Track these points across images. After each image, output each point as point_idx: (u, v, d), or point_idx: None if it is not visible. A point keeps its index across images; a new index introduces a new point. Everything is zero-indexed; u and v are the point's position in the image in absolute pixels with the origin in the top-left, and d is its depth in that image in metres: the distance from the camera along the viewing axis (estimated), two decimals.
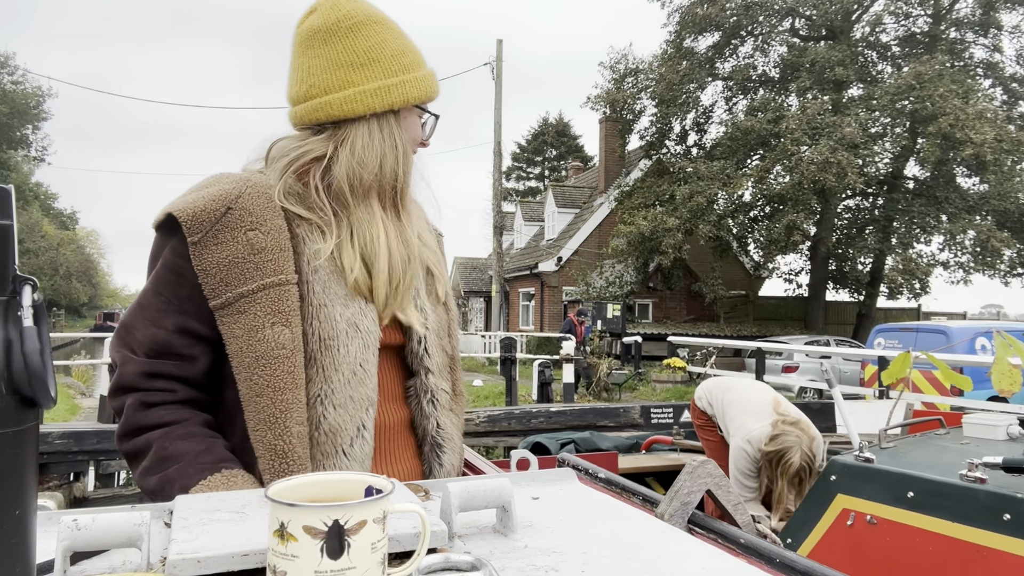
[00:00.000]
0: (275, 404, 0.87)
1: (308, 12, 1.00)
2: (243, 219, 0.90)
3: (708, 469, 0.81)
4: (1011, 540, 1.55)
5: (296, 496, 0.51)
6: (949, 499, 1.70)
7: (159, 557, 0.55)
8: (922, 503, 1.76)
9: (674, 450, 4.08)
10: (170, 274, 0.90)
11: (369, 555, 0.49)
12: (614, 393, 11.88)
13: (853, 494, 1.94)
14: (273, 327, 0.88)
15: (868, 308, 19.70)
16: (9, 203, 0.41)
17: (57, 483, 4.94)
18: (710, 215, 17.33)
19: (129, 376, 0.90)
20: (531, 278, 23.01)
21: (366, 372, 0.93)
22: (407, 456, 1.01)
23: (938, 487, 1.74)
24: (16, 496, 0.40)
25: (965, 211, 16.86)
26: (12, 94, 32.19)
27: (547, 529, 0.70)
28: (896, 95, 16.00)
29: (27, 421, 0.40)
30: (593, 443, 4.07)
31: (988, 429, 2.08)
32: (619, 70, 20.50)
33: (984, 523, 1.61)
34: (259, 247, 0.89)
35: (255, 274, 0.89)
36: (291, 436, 0.87)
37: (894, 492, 1.83)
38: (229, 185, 0.93)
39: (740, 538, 0.71)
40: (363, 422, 0.93)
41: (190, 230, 0.89)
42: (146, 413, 0.89)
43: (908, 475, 1.82)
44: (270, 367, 0.87)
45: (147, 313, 0.91)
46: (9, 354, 0.39)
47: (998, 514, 1.59)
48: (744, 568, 0.63)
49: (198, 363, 0.91)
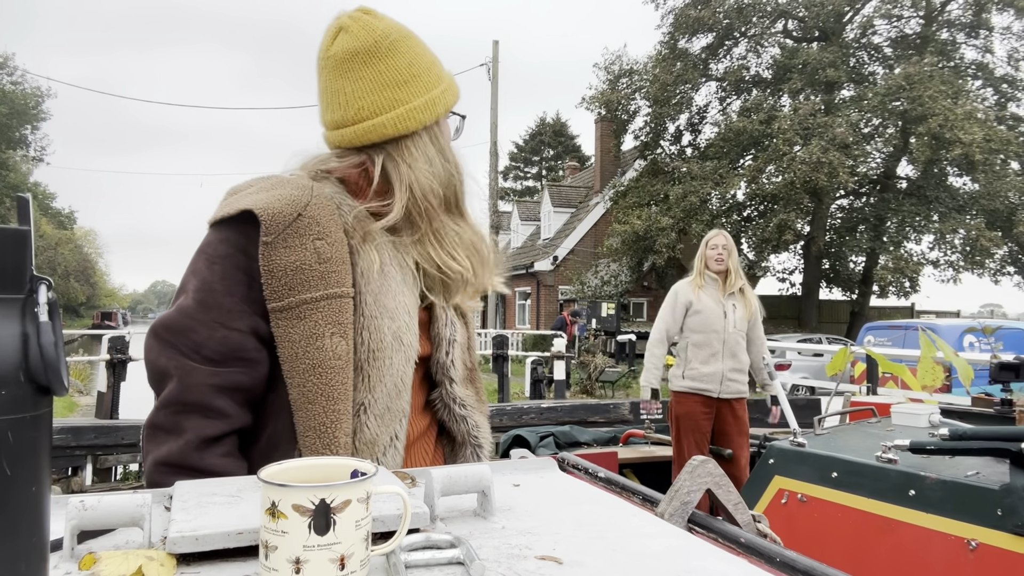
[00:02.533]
0: (327, 413, 0.88)
1: (334, 34, 0.98)
2: (311, 227, 0.90)
3: (708, 468, 0.81)
4: (916, 513, 1.72)
5: (286, 478, 0.55)
6: (866, 478, 1.87)
7: (160, 536, 0.59)
8: (844, 482, 1.93)
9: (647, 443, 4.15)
10: (240, 273, 0.89)
11: (354, 532, 0.53)
12: (607, 390, 11.95)
13: (787, 475, 2.11)
14: (332, 337, 0.88)
15: (861, 307, 19.82)
16: (27, 210, 0.45)
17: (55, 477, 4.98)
18: (703, 214, 17.41)
19: (197, 389, 0.86)
20: (527, 277, 23.05)
21: (404, 385, 0.95)
22: (427, 464, 1.05)
23: (857, 467, 1.91)
24: (33, 474, 0.44)
25: (955, 210, 16.99)
26: (11, 94, 32.06)
27: (525, 512, 0.74)
28: (886, 96, 16.11)
29: (43, 407, 0.45)
30: (572, 436, 4.08)
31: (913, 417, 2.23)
32: (613, 71, 20.57)
33: (894, 498, 1.78)
34: (325, 257, 0.90)
35: (319, 283, 0.89)
36: (338, 446, 0.88)
37: (821, 473, 2.00)
38: (297, 191, 0.92)
39: (740, 537, 0.72)
40: (396, 433, 0.95)
41: (267, 229, 0.88)
42: (203, 455, 0.85)
43: (833, 457, 1.99)
44: (325, 376, 0.88)
45: (214, 314, 0.88)
46: (27, 347, 0.44)
47: (905, 490, 1.76)
48: (701, 547, 0.67)
49: (262, 368, 0.90)
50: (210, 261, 0.90)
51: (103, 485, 5.31)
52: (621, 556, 0.62)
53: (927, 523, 1.70)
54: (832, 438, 2.24)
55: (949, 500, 1.66)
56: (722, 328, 3.67)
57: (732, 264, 3.76)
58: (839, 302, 22.28)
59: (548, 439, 3.86)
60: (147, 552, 0.56)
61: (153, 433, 0.87)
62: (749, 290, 3.85)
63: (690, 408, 3.66)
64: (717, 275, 3.77)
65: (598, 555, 0.62)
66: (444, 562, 0.59)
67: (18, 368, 0.43)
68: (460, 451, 1.08)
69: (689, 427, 3.64)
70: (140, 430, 0.90)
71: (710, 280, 3.78)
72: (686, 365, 3.70)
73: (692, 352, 3.70)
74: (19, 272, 0.45)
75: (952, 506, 1.66)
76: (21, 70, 32.70)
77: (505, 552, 0.63)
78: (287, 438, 0.90)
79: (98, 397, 8.33)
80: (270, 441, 0.92)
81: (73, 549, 0.58)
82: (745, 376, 3.73)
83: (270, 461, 0.84)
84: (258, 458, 0.91)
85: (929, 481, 1.72)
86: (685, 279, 3.88)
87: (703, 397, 3.66)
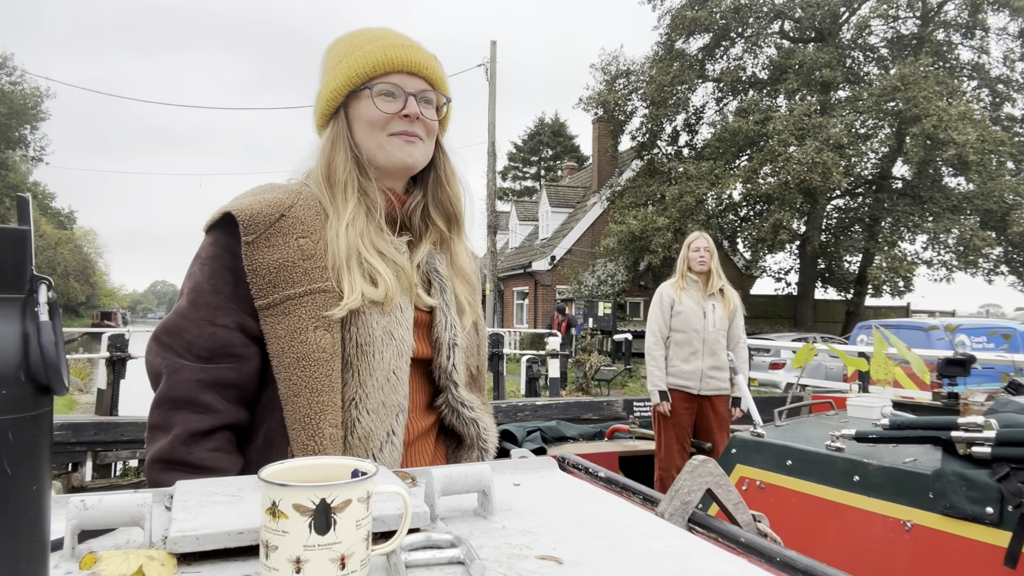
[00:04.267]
0: (311, 405, 0.89)
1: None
2: (295, 227, 0.93)
3: (708, 468, 0.81)
4: (859, 497, 1.84)
5: (287, 478, 0.55)
6: (816, 465, 2.01)
7: (160, 536, 0.59)
8: (797, 469, 2.06)
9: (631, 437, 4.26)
10: (227, 272, 0.92)
11: (354, 531, 0.53)
12: (603, 389, 11.99)
13: (748, 464, 2.25)
14: (315, 331, 0.90)
15: (856, 306, 19.89)
16: (27, 210, 0.45)
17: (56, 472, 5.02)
18: (699, 214, 17.45)
19: (184, 385, 0.88)
20: (525, 277, 23.07)
21: (398, 379, 0.96)
22: (427, 463, 1.05)
23: (808, 456, 2.04)
24: (34, 473, 0.44)
25: (949, 210, 17.06)
26: (10, 95, 32.06)
27: (525, 512, 0.74)
28: (881, 97, 16.16)
29: (43, 406, 0.45)
30: (559, 431, 4.17)
31: (866, 410, 2.35)
32: (610, 72, 20.58)
33: (841, 484, 1.90)
34: (308, 254, 0.93)
35: (303, 279, 0.91)
36: (323, 438, 0.89)
37: (777, 461, 2.13)
38: (283, 194, 0.96)
39: (740, 537, 0.72)
40: (393, 428, 0.95)
41: (246, 230, 0.91)
42: (190, 449, 0.86)
43: (788, 447, 2.12)
44: (309, 368, 0.89)
45: (203, 312, 0.91)
46: (27, 346, 0.44)
47: (851, 476, 1.88)
48: (702, 546, 0.67)
49: (251, 363, 0.92)
50: (201, 263, 0.94)
51: (103, 481, 5.35)
52: (621, 556, 0.62)
53: (869, 506, 1.81)
54: (790, 429, 2.36)
55: (888, 485, 1.77)
56: (702, 327, 3.86)
57: (713, 265, 3.98)
58: (835, 302, 22.36)
59: (535, 434, 3.93)
60: (148, 552, 0.56)
61: (151, 433, 0.89)
62: (730, 290, 4.04)
63: (672, 404, 3.80)
64: (699, 276, 3.98)
65: (598, 555, 0.62)
66: (444, 562, 0.59)
67: (18, 368, 0.43)
68: (466, 453, 1.08)
69: (671, 422, 3.81)
70: (139, 427, 0.92)
71: (691, 282, 3.99)
72: (668, 363, 3.89)
73: (674, 350, 3.88)
74: (19, 272, 0.45)
75: (890, 490, 1.77)
76: (20, 70, 32.68)
77: (505, 552, 0.63)
78: (282, 435, 0.91)
79: (98, 394, 8.43)
80: (266, 438, 0.93)
81: (74, 548, 0.58)
82: (726, 374, 3.91)
83: (267, 458, 0.83)
84: (255, 456, 0.92)
85: (871, 467, 1.83)
86: (668, 281, 4.09)
87: (684, 393, 3.82)
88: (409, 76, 1.01)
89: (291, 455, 0.89)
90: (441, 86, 1.07)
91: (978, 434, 1.57)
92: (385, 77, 1.00)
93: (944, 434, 1.66)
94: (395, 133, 1.01)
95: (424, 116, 1.02)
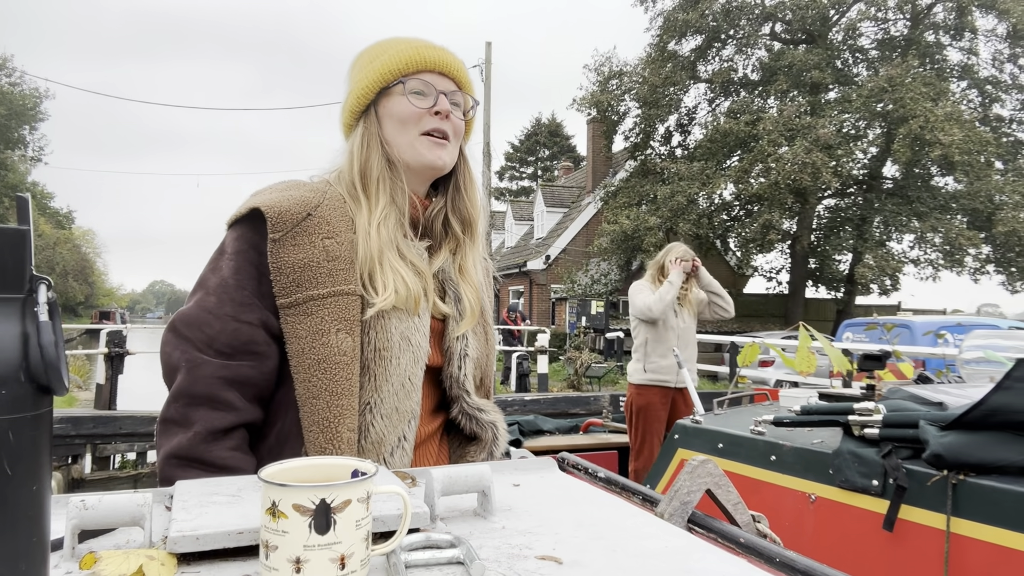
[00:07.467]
0: (330, 408, 0.88)
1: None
2: (321, 227, 0.92)
3: (708, 468, 0.81)
4: (774, 474, 2.06)
5: (287, 478, 0.55)
6: (742, 447, 2.20)
7: (160, 536, 0.59)
8: (727, 451, 2.25)
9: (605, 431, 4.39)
10: (252, 268, 0.91)
11: (354, 531, 0.53)
12: (594, 385, 12.03)
13: (687, 448, 2.44)
14: (338, 333, 0.89)
15: (846, 305, 20.01)
16: (26, 210, 0.45)
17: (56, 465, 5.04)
18: (690, 214, 17.52)
19: (205, 381, 0.87)
20: (520, 276, 23.09)
21: (413, 386, 0.96)
22: (432, 464, 1.05)
23: (736, 439, 2.24)
24: (33, 473, 0.43)
25: (936, 210, 17.20)
26: (9, 95, 31.85)
27: (524, 512, 0.74)
28: (870, 98, 16.27)
29: (43, 406, 0.44)
30: (536, 425, 4.28)
31: (795, 400, 2.53)
32: (603, 72, 20.61)
33: (760, 463, 2.11)
34: (333, 255, 0.92)
35: (327, 280, 0.91)
36: (341, 441, 0.89)
37: (712, 445, 2.32)
38: (309, 193, 0.95)
39: (739, 537, 0.72)
40: (404, 433, 0.95)
41: (274, 227, 0.90)
42: (210, 447, 0.85)
43: (720, 431, 2.32)
44: (330, 371, 0.89)
45: (227, 308, 0.89)
46: (27, 346, 0.43)
47: (768, 456, 2.08)
48: (701, 547, 0.68)
49: (270, 362, 0.91)
50: (226, 257, 0.93)
51: (102, 473, 5.38)
52: (621, 556, 0.62)
53: (782, 482, 2.03)
54: (725, 417, 2.57)
55: (798, 463, 1.99)
56: (675, 324, 4.08)
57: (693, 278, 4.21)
58: (825, 300, 22.48)
59: (512, 427, 4.02)
60: (148, 551, 0.56)
61: (165, 427, 0.88)
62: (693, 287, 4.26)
63: (650, 399, 3.96)
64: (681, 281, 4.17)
65: (598, 555, 0.62)
66: (444, 562, 0.59)
67: (18, 367, 0.43)
68: (474, 454, 1.08)
69: (649, 417, 3.96)
70: (137, 421, 0.91)
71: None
72: (646, 359, 4.03)
73: (651, 347, 4.03)
74: (19, 272, 0.44)
75: (800, 467, 1.98)
76: (19, 71, 32.56)
77: (505, 552, 0.63)
78: (295, 435, 0.91)
79: (96, 389, 8.49)
80: (279, 438, 0.92)
81: (74, 548, 0.58)
82: (695, 366, 4.11)
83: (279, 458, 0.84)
84: (267, 455, 0.92)
85: (785, 448, 2.04)
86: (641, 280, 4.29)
87: (661, 388, 3.98)
88: (440, 76, 1.03)
89: (305, 455, 0.88)
90: (469, 89, 1.08)
91: (869, 417, 1.76)
92: (417, 75, 1.01)
93: (843, 418, 1.84)
94: (426, 132, 1.01)
95: (453, 116, 1.03)
